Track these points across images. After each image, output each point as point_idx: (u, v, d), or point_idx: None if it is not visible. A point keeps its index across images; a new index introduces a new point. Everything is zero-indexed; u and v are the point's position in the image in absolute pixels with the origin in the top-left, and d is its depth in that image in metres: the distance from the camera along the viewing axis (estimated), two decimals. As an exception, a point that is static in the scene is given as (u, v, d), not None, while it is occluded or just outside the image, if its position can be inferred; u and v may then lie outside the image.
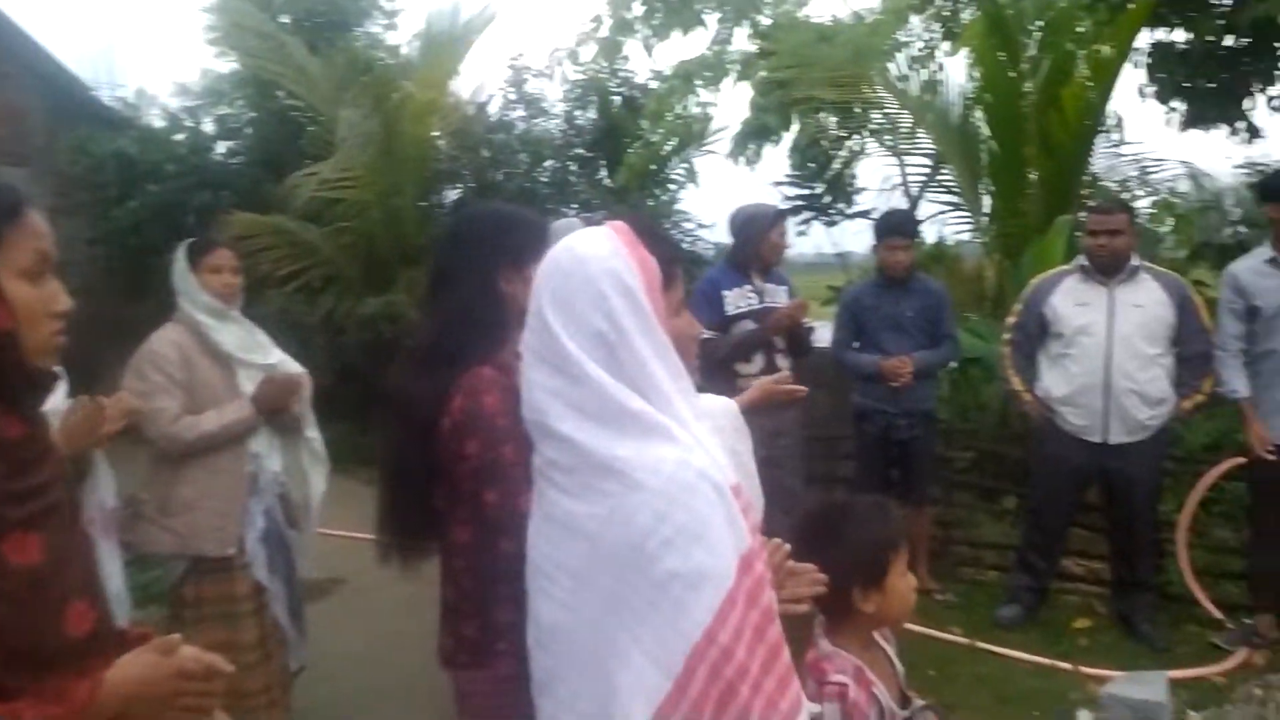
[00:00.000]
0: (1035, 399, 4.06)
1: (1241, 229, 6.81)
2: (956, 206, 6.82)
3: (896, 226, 4.54)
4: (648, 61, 10.96)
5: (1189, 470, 4.52)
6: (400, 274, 7.52)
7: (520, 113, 8.76)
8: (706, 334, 3.90)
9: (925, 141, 6.79)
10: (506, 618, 1.56)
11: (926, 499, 4.64)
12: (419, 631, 2.25)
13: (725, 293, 4.00)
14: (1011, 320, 4.16)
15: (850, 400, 4.57)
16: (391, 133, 7.60)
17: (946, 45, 6.94)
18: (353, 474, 4.59)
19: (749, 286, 4.03)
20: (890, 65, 6.48)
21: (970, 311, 6.00)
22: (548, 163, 8.54)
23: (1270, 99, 6.16)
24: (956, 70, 6.62)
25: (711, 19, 7.41)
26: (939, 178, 7.05)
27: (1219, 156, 19.51)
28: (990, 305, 6.10)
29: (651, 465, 1.20)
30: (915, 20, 7.20)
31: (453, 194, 8.80)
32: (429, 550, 1.79)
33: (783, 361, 3.97)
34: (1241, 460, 4.00)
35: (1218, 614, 4.06)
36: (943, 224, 7.23)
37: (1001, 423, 5.40)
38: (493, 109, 8.80)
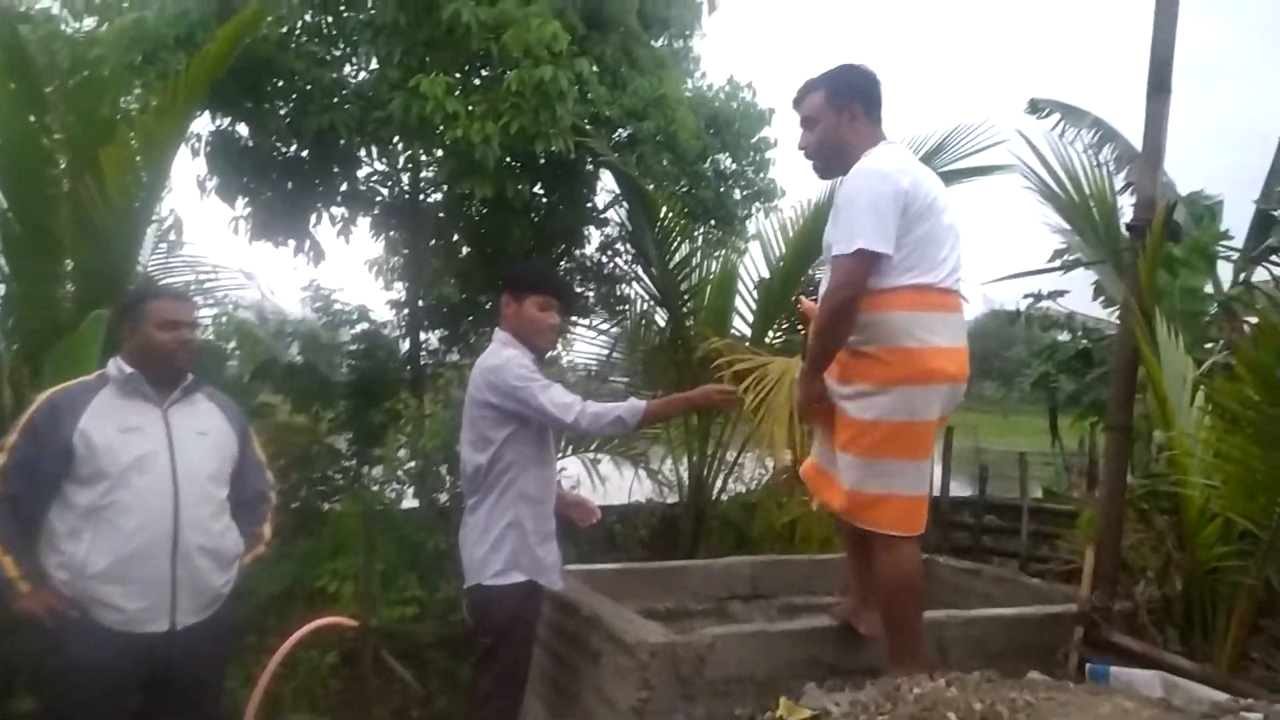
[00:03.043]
0: (41, 589, 2.67)
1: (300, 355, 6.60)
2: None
3: None
4: None
5: (254, 630, 3.71)
6: None
7: None
8: None
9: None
10: None
11: None
12: None
13: None
14: (3, 460, 2.69)
15: None
16: None
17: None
18: None
19: None
20: None
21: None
22: None
23: (334, 219, 6.02)
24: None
25: None
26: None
27: (291, 272, 20.05)
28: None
29: None
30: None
31: None
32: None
33: None
34: (338, 620, 3.30)
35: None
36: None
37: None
38: None
